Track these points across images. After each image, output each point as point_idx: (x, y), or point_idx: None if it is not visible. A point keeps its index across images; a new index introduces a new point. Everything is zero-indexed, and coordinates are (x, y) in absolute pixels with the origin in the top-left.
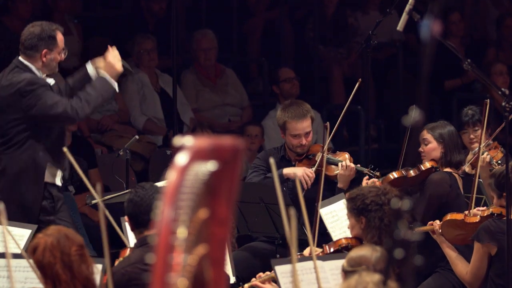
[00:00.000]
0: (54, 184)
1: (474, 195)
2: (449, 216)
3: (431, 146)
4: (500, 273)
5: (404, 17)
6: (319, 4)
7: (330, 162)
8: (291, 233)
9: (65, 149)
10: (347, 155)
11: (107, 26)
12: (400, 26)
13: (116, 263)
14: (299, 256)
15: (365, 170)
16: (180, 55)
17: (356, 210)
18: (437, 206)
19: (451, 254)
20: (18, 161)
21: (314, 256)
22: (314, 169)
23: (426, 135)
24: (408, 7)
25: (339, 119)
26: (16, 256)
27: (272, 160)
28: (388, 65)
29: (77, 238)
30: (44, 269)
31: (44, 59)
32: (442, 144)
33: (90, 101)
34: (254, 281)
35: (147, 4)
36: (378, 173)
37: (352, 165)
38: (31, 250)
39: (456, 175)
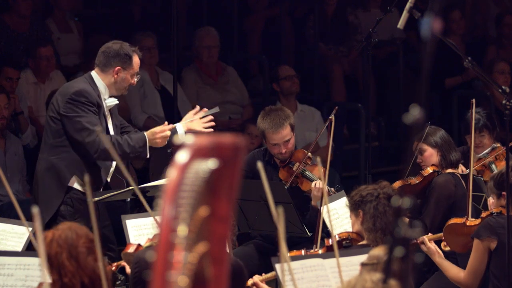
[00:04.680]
0: (79, 191)
1: (470, 201)
2: (450, 221)
3: (428, 153)
4: (499, 265)
5: (404, 15)
6: (319, 2)
7: (305, 176)
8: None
9: None
10: (321, 170)
11: (107, 23)
12: (400, 24)
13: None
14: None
15: (331, 192)
16: (181, 53)
17: (354, 205)
18: (445, 207)
19: (442, 261)
20: (46, 162)
21: (336, 252)
22: (290, 181)
23: (420, 145)
24: (408, 5)
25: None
26: (16, 254)
27: (260, 164)
28: (389, 63)
29: (86, 233)
30: (50, 260)
31: (116, 76)
32: (437, 148)
33: (123, 152)
34: (255, 278)
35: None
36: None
37: (324, 188)
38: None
39: (459, 175)
